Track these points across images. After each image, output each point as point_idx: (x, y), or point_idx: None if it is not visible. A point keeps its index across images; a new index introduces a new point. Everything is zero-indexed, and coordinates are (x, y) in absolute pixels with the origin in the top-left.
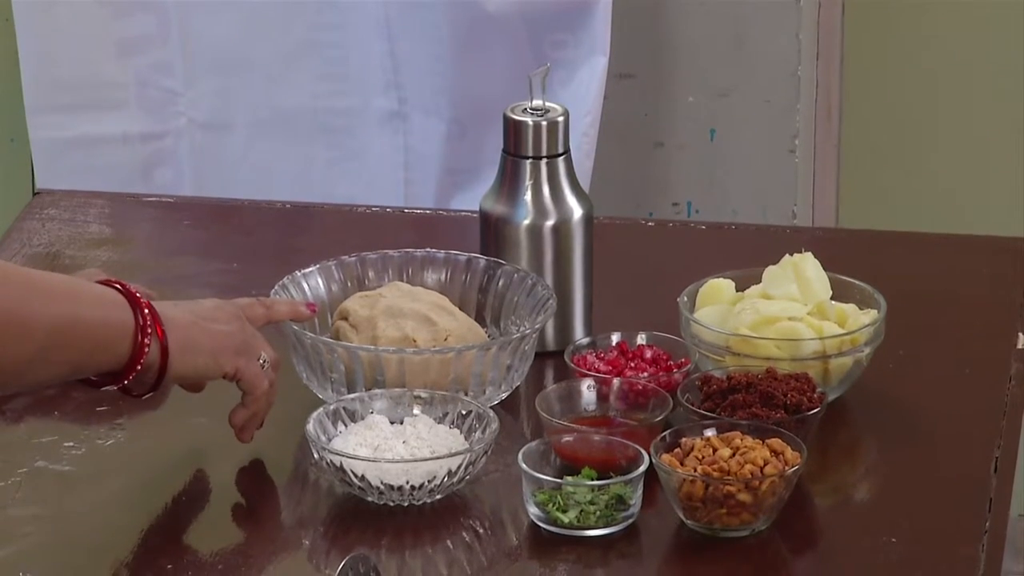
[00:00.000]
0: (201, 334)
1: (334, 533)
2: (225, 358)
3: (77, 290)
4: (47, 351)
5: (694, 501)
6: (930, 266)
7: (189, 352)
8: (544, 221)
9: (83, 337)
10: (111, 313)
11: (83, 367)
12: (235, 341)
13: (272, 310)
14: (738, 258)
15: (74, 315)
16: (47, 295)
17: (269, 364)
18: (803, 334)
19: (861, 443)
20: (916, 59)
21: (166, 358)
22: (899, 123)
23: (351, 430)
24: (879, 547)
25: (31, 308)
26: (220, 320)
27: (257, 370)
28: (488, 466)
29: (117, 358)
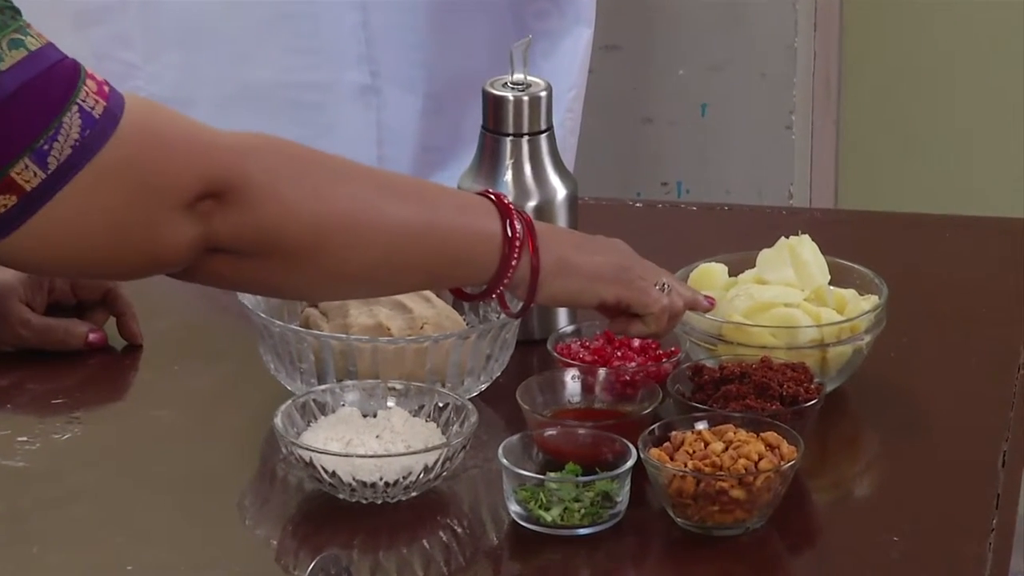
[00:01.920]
0: (579, 256)
1: (304, 532)
2: (602, 284)
3: (437, 194)
4: (397, 256)
5: (685, 498)
6: (934, 249)
7: (563, 274)
8: (526, 202)
9: (440, 244)
10: (476, 221)
11: (440, 277)
12: (614, 268)
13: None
14: (731, 241)
15: (430, 219)
16: (401, 196)
17: (672, 290)
18: (800, 321)
19: (861, 436)
20: (919, 29)
21: (536, 277)
22: (902, 98)
23: (321, 424)
24: (880, 545)
25: (381, 208)
26: (604, 249)
27: (643, 291)
28: (467, 461)
29: (481, 270)
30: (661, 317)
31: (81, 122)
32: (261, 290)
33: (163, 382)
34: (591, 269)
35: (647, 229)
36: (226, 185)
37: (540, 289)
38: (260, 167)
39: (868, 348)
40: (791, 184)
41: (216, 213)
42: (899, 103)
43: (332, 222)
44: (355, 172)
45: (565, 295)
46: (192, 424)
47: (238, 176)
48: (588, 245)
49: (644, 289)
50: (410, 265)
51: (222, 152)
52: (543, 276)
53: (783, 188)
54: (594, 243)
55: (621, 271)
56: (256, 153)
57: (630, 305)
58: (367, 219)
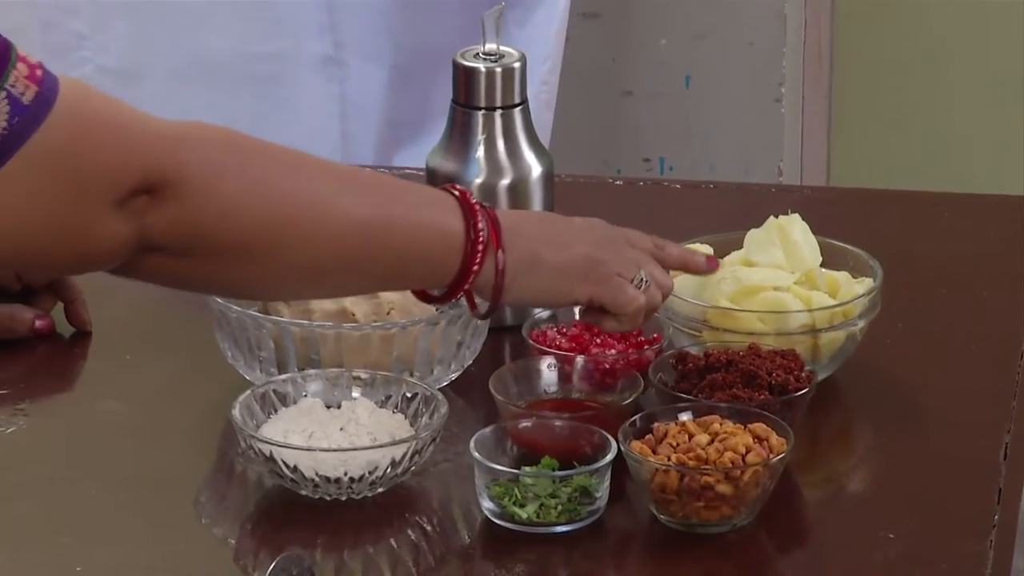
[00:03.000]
0: (549, 251)
1: (264, 531)
2: (575, 283)
3: (395, 188)
4: (350, 255)
5: (668, 493)
6: (932, 229)
7: (532, 273)
8: (499, 180)
9: (397, 242)
10: (437, 218)
11: (399, 277)
12: (588, 264)
13: (664, 252)
14: (717, 220)
15: (387, 216)
16: (355, 190)
17: (651, 283)
18: (790, 306)
19: (855, 427)
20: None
21: (502, 278)
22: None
23: (282, 415)
24: (876, 543)
25: (332, 204)
26: (578, 239)
27: (619, 290)
28: (436, 455)
29: (442, 271)
30: (636, 317)
31: (9, 108)
32: (204, 289)
33: (114, 372)
34: (562, 266)
35: (628, 208)
36: (161, 179)
37: (507, 290)
38: (199, 159)
39: (862, 334)
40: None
41: (151, 210)
42: (895, 75)
43: (277, 219)
44: (305, 165)
45: (534, 295)
46: (144, 416)
47: (174, 169)
48: (561, 236)
49: (620, 287)
50: (364, 265)
51: (158, 143)
52: (510, 276)
53: (772, 165)
54: (568, 232)
55: (596, 266)
56: (196, 144)
57: (604, 305)
58: (316, 215)
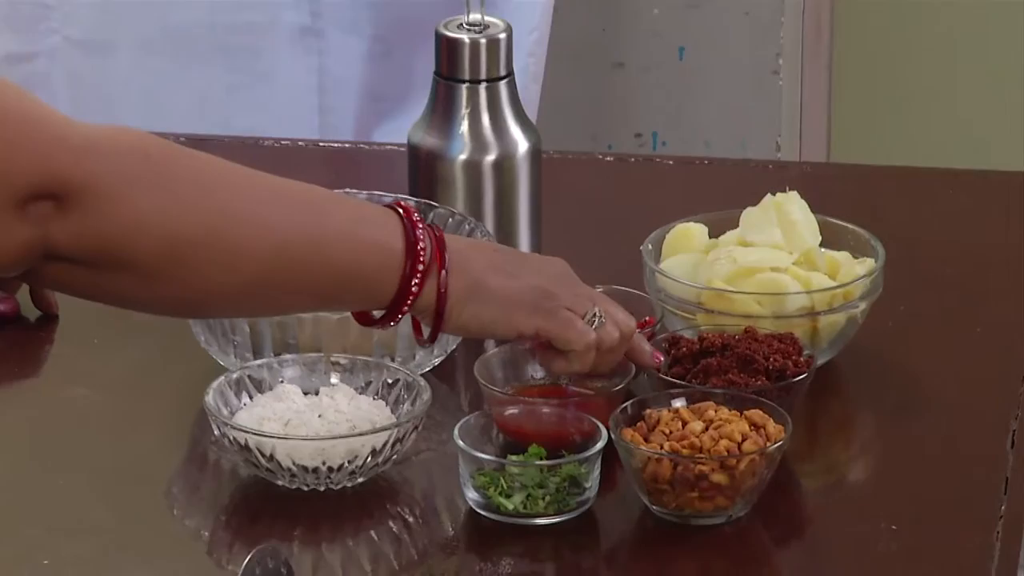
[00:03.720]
0: (496, 279)
1: (238, 523)
2: (521, 314)
3: (329, 203)
4: (276, 276)
5: (660, 483)
6: (936, 207)
7: (475, 300)
8: (483, 156)
9: (328, 263)
10: (373, 236)
11: (331, 299)
12: (536, 295)
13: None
14: (712, 198)
15: (317, 234)
16: (285, 206)
17: (605, 320)
18: (788, 287)
19: (856, 415)
20: None
21: (443, 303)
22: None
23: (258, 402)
24: (877, 535)
25: (257, 222)
26: (530, 271)
27: (566, 324)
28: (419, 444)
29: (379, 292)
30: (585, 355)
31: None
32: (114, 303)
33: (81, 357)
34: (508, 295)
35: (618, 185)
36: (66, 187)
37: (449, 316)
38: (109, 170)
39: (863, 317)
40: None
41: (55, 218)
42: (898, 46)
43: (193, 236)
44: (233, 178)
45: (476, 325)
46: (113, 403)
47: (81, 178)
48: (510, 266)
49: (567, 322)
50: (292, 286)
51: (67, 149)
52: (451, 302)
53: (769, 140)
54: (520, 263)
55: (543, 299)
56: (108, 153)
57: (550, 339)
58: (238, 234)
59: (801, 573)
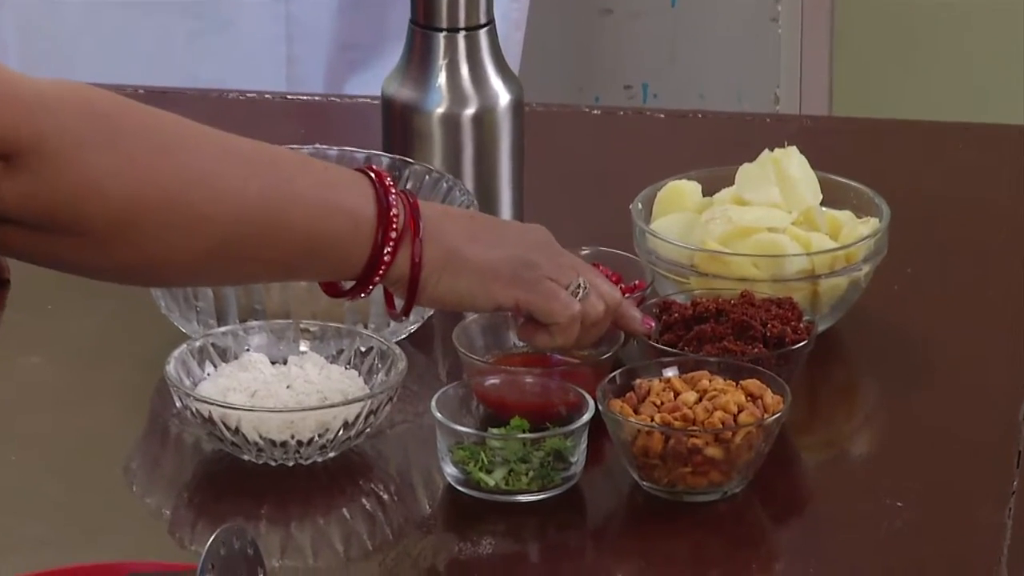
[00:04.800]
0: (473, 248)
1: (202, 500)
2: (499, 285)
3: (296, 166)
4: (238, 243)
5: (651, 458)
6: (944, 163)
7: (450, 271)
8: (462, 109)
9: (294, 230)
10: (343, 202)
11: (297, 268)
12: (516, 265)
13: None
14: (706, 154)
15: (282, 199)
16: (247, 169)
17: (590, 291)
18: (786, 249)
19: (859, 384)
20: None
21: (417, 273)
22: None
23: (222, 372)
24: (882, 513)
25: (218, 185)
26: (509, 239)
27: (549, 295)
28: (394, 416)
29: (350, 260)
30: (569, 328)
31: None
32: (66, 269)
33: (35, 324)
34: (486, 265)
35: (607, 140)
36: (13, 146)
37: (423, 287)
38: (59, 128)
39: (867, 280)
40: (777, 87)
41: (2, 178)
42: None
43: (150, 199)
44: (192, 138)
45: (452, 296)
46: (69, 374)
47: (29, 137)
48: (488, 234)
49: (550, 293)
50: (255, 253)
51: (15, 106)
52: (426, 272)
53: (767, 92)
54: (499, 231)
55: (524, 268)
56: (59, 112)
57: (531, 312)
58: (197, 197)
59: (800, 552)
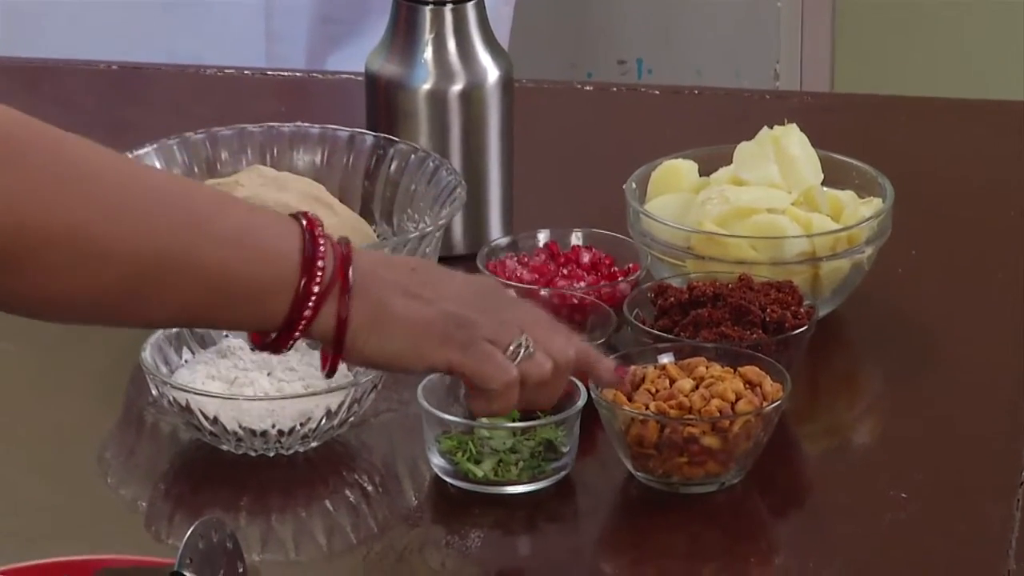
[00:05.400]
0: (406, 304)
1: (179, 492)
2: (431, 346)
3: (214, 207)
4: (136, 287)
5: (646, 447)
6: (950, 141)
7: (379, 329)
8: (449, 86)
9: (202, 278)
10: (261, 251)
11: (206, 318)
12: (450, 323)
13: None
14: (702, 132)
15: (190, 244)
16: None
17: (534, 351)
18: (786, 230)
19: (861, 371)
20: None
21: (343, 331)
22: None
23: (200, 358)
24: (885, 504)
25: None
26: (448, 295)
27: (484, 359)
28: (378, 404)
29: (263, 316)
30: (506, 394)
31: None
32: None
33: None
34: (416, 323)
35: (599, 118)
36: None
37: (349, 347)
38: None
39: (870, 263)
40: (777, 63)
41: None
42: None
43: (46, 229)
44: (103, 169)
45: (382, 357)
46: (40, 360)
47: None
48: (425, 288)
49: (484, 355)
50: (161, 296)
51: None
52: (353, 329)
53: (767, 67)
54: (441, 286)
55: (457, 328)
56: None
57: (464, 375)
58: (100, 231)
59: (800, 545)
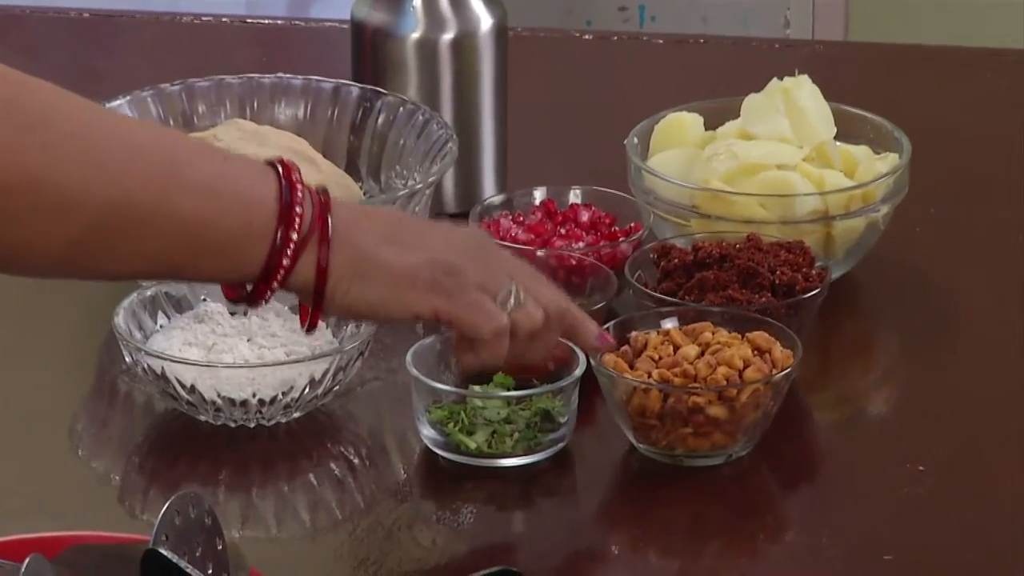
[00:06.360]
0: (388, 252)
1: (154, 465)
2: (416, 293)
3: (186, 153)
4: (107, 237)
5: (648, 418)
6: (970, 93)
7: (362, 277)
8: (439, 35)
9: (176, 226)
10: (237, 198)
11: (181, 268)
12: (436, 270)
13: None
14: (708, 83)
15: (162, 190)
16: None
17: (525, 300)
18: (797, 187)
19: (876, 337)
20: None
21: (324, 280)
22: None
23: (176, 323)
24: (900, 478)
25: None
26: (434, 242)
27: (472, 307)
28: (365, 372)
29: (240, 265)
30: (495, 343)
31: None
32: None
33: None
34: (401, 271)
35: (599, 69)
36: None
37: (330, 297)
38: None
39: (885, 222)
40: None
41: None
42: None
43: (9, 179)
44: (68, 115)
45: (364, 306)
46: (6, 326)
47: None
48: (411, 237)
49: (474, 304)
50: (133, 245)
51: None
52: (333, 280)
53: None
54: (424, 233)
55: (445, 274)
56: None
57: (452, 324)
58: (66, 178)
59: (811, 521)
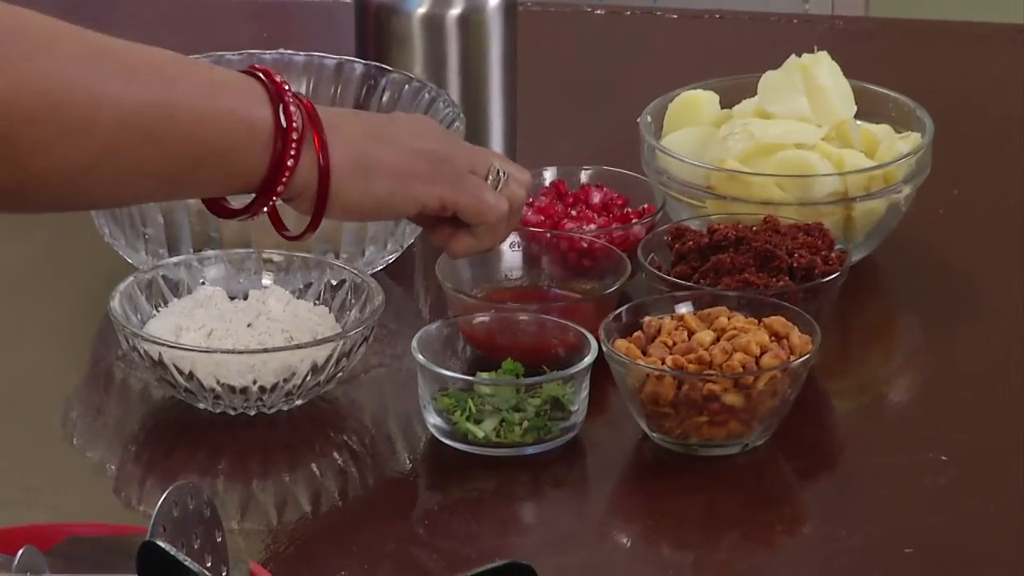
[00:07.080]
0: (382, 148)
1: (151, 455)
2: (420, 184)
3: (180, 70)
4: (117, 155)
5: (662, 406)
6: (995, 71)
7: (363, 175)
8: (446, 10)
9: (180, 138)
10: (234, 107)
11: (186, 182)
12: (431, 160)
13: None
14: (724, 60)
15: (165, 105)
16: (127, 72)
17: (509, 178)
18: (816, 168)
19: (897, 322)
20: None
21: (327, 179)
22: None
23: (174, 308)
24: (922, 467)
25: (94, 90)
26: (412, 133)
27: (477, 193)
28: (369, 359)
29: (247, 169)
30: (499, 228)
31: None
32: None
33: None
34: (401, 164)
35: (611, 45)
36: None
37: (333, 196)
38: None
39: (907, 203)
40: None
41: None
42: None
43: (18, 107)
44: (65, 41)
45: (371, 202)
46: (0, 310)
47: None
48: (387, 131)
49: (478, 187)
50: (140, 166)
51: None
52: (336, 178)
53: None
54: (394, 126)
55: (440, 163)
56: None
57: (457, 211)
58: (71, 104)
59: (830, 512)
